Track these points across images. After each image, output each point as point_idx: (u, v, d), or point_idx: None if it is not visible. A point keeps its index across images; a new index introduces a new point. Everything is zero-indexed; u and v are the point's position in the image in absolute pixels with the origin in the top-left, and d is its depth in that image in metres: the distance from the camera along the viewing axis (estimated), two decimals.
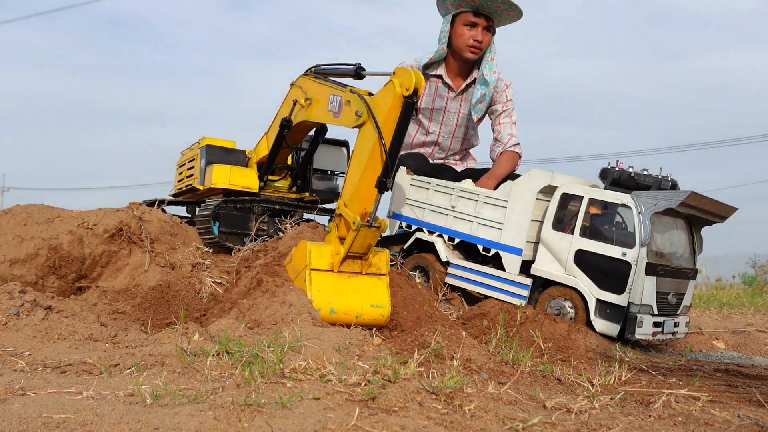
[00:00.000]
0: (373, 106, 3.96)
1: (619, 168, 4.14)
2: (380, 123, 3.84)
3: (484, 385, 2.43)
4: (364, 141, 4.01)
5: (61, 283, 4.55)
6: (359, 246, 3.92)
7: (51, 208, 4.99)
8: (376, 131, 3.81)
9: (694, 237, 4.37)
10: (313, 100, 5.00)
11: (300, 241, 4.13)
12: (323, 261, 3.94)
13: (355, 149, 4.13)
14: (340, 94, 4.42)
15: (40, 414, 1.79)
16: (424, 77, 4.06)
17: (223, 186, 5.84)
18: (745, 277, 14.56)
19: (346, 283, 3.95)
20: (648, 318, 3.87)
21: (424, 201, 4.92)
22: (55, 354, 2.72)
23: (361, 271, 3.99)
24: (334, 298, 3.85)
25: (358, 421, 1.79)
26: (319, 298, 3.81)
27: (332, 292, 3.88)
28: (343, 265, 3.96)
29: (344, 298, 3.90)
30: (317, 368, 2.34)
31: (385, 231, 4.03)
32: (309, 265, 3.87)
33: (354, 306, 3.89)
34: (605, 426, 2.01)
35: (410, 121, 4.01)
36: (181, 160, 7.05)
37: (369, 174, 3.92)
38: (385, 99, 3.90)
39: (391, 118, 3.85)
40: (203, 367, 2.38)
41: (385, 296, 4.00)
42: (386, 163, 3.81)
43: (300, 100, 5.12)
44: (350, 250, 3.89)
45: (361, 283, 3.97)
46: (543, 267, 4.24)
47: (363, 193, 3.96)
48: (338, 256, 3.91)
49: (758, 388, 2.94)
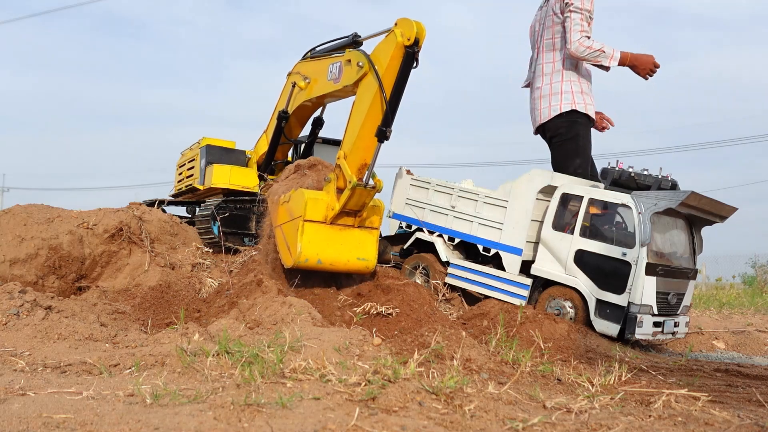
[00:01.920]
0: (374, 57, 4.02)
1: (619, 168, 4.14)
2: (381, 73, 3.89)
3: (484, 385, 2.43)
4: (364, 92, 4.06)
5: (61, 283, 4.55)
6: (354, 204, 4.00)
7: (51, 208, 5.00)
8: (377, 81, 3.87)
9: (694, 237, 4.37)
10: (312, 79, 5.08)
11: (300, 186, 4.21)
12: (318, 213, 4.03)
13: (356, 101, 4.18)
14: (338, 60, 4.51)
15: (40, 414, 1.79)
16: None
17: (223, 186, 5.85)
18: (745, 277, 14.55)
19: (336, 236, 4.07)
20: (648, 318, 3.87)
21: (424, 201, 4.92)
22: (55, 354, 2.72)
23: (354, 224, 4.11)
24: (323, 250, 4.00)
25: (358, 421, 1.79)
26: (309, 249, 3.96)
27: (322, 243, 4.01)
28: (338, 219, 4.07)
29: (332, 250, 4.03)
30: (317, 368, 2.34)
31: (380, 191, 4.10)
32: (303, 216, 3.97)
33: (340, 258, 4.06)
34: (605, 426, 2.00)
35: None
36: (181, 161, 7.06)
37: (369, 124, 3.97)
38: (386, 49, 3.94)
39: (391, 67, 3.89)
40: (203, 367, 2.38)
41: (373, 250, 4.17)
42: (386, 113, 3.87)
43: (299, 83, 5.19)
44: (345, 207, 3.98)
45: (352, 236, 4.10)
46: (543, 267, 4.24)
47: (363, 143, 4.00)
48: (333, 211, 4.01)
49: (758, 388, 2.94)
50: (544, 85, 4.86)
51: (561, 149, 4.84)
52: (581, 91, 4.79)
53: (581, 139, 4.76)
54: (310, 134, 6.09)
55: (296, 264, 4.02)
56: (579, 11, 4.64)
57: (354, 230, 4.12)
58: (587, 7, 4.67)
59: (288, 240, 4.12)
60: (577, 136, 4.75)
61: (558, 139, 4.83)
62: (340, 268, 4.11)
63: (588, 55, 4.64)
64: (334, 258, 4.06)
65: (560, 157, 4.84)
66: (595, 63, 4.72)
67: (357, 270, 4.17)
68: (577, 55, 4.66)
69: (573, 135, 4.75)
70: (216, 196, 6.01)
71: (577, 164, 4.69)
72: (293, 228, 4.04)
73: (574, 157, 4.74)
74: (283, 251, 4.18)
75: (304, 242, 3.96)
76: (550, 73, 4.84)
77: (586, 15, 4.66)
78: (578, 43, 4.61)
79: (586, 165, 4.41)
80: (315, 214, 4.01)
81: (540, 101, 4.88)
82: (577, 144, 4.75)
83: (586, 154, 4.76)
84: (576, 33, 4.63)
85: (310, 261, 3.93)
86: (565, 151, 4.79)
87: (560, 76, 4.80)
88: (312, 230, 3.99)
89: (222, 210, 5.55)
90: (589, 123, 4.83)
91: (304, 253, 3.94)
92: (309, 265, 3.96)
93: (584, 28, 4.65)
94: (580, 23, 4.63)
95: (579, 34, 4.62)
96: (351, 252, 4.11)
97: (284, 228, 4.19)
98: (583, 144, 4.76)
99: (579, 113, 4.76)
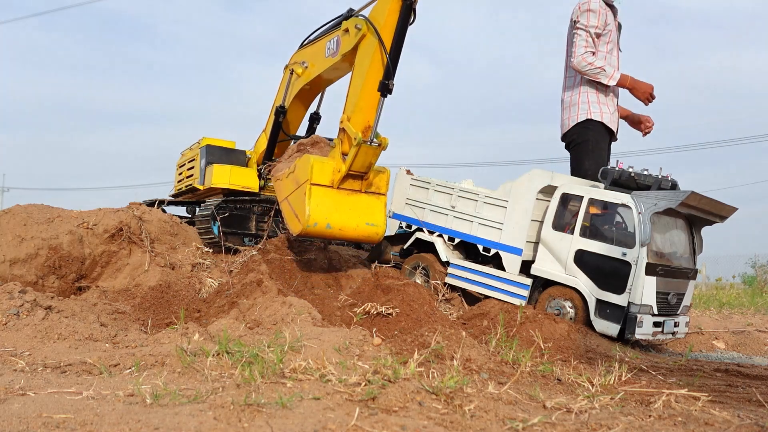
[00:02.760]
0: (372, 17, 4.08)
1: (619, 168, 4.14)
2: (380, 28, 3.95)
3: (484, 385, 2.43)
4: (364, 52, 4.11)
5: (61, 283, 4.55)
6: (360, 164, 3.98)
7: (51, 208, 5.00)
8: (376, 37, 3.92)
9: (694, 237, 4.37)
10: (310, 63, 5.14)
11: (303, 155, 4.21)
12: (324, 177, 4.01)
13: (356, 64, 4.22)
14: (336, 34, 4.57)
15: (40, 414, 1.79)
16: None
17: (223, 186, 5.84)
18: (745, 277, 14.55)
19: (344, 200, 4.04)
20: (648, 318, 3.87)
21: (424, 201, 4.92)
22: (55, 354, 2.73)
23: (361, 189, 4.09)
24: (331, 214, 3.95)
25: (358, 421, 1.79)
26: (317, 213, 3.91)
27: (330, 208, 3.97)
28: (344, 183, 4.05)
29: (341, 215, 3.99)
30: (317, 368, 2.34)
31: (386, 148, 4.11)
32: (310, 180, 3.94)
33: (350, 223, 4.01)
34: (605, 426, 2.00)
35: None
36: (181, 161, 7.05)
37: (370, 81, 4.00)
38: (382, 7, 4.01)
39: (389, 23, 3.95)
40: (203, 367, 2.38)
41: (382, 216, 4.15)
42: (387, 65, 3.89)
43: (297, 70, 5.24)
44: (351, 168, 3.97)
45: (360, 201, 4.08)
46: (543, 267, 4.24)
47: (365, 103, 4.01)
48: (339, 173, 4.00)
49: (758, 388, 2.94)
50: (565, 98, 5.14)
51: (573, 154, 5.07)
52: (597, 101, 5.00)
53: (591, 143, 4.94)
54: (308, 130, 6.08)
55: (305, 230, 3.94)
56: (584, 28, 4.87)
57: (361, 195, 4.10)
58: (593, 23, 4.88)
59: (295, 208, 4.06)
60: (587, 141, 4.94)
61: (572, 144, 5.06)
62: (349, 234, 4.04)
63: (588, 71, 4.88)
64: (343, 223, 3.99)
65: (572, 162, 5.06)
66: (594, 79, 4.93)
67: (366, 236, 4.11)
68: (578, 69, 4.91)
69: (583, 140, 4.95)
70: (216, 196, 6.01)
71: (586, 167, 4.84)
72: (300, 194, 4.00)
73: (584, 160, 4.92)
74: (291, 220, 4.12)
75: (312, 206, 3.90)
76: (571, 86, 5.12)
77: (591, 32, 4.88)
78: (581, 57, 4.87)
79: (597, 169, 4.47)
80: (321, 177, 3.99)
81: (562, 113, 5.15)
82: (586, 148, 4.94)
83: (597, 159, 4.90)
84: (580, 48, 4.88)
85: (320, 225, 3.86)
86: (577, 155, 5.01)
87: (578, 88, 5.05)
88: (319, 194, 3.95)
89: (222, 210, 5.54)
90: (604, 130, 5.00)
91: (312, 217, 3.87)
92: (318, 230, 3.87)
93: (588, 44, 4.88)
94: (585, 39, 4.88)
95: (583, 49, 4.87)
96: (360, 217, 4.06)
97: (290, 199, 4.15)
98: (593, 149, 4.94)
99: (594, 122, 4.96)
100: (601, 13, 4.89)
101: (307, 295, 4.13)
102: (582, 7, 4.89)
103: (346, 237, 4.09)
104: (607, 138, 5.03)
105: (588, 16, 4.86)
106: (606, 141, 5.04)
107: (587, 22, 4.86)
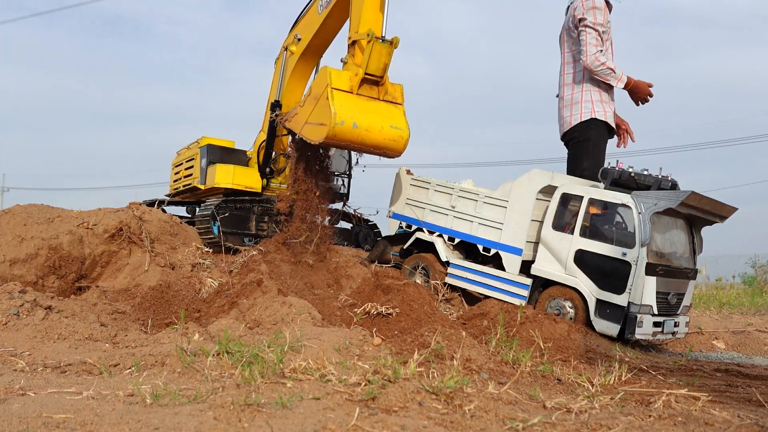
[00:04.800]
0: None
1: (619, 168, 4.14)
2: None
3: (484, 385, 2.43)
4: None
5: (61, 283, 4.55)
6: (375, 64, 4.05)
7: (51, 208, 5.00)
8: None
9: (694, 237, 4.37)
10: (304, 31, 5.31)
11: None
12: (343, 83, 4.08)
13: None
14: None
15: (40, 414, 1.79)
16: None
17: (226, 185, 5.84)
18: (745, 277, 14.54)
19: (365, 105, 4.09)
20: (648, 318, 3.87)
21: (424, 201, 4.92)
22: (55, 354, 2.72)
23: (379, 96, 4.15)
24: (356, 115, 3.97)
25: (358, 421, 1.79)
26: (342, 112, 3.93)
27: (354, 109, 4.00)
28: (362, 88, 4.11)
29: (365, 116, 4.01)
30: (317, 368, 2.34)
31: (397, 46, 4.18)
32: (330, 84, 4.00)
33: (374, 123, 4.02)
34: (605, 426, 2.00)
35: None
36: (178, 160, 7.02)
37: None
38: None
39: None
40: (203, 367, 2.38)
41: (404, 121, 4.18)
42: None
43: (291, 47, 5.36)
44: (368, 70, 4.04)
45: (380, 107, 4.13)
46: (543, 267, 4.24)
47: (369, 6, 4.16)
48: (357, 77, 4.07)
49: (758, 388, 2.94)
50: (566, 95, 5.07)
51: (572, 152, 5.02)
52: (600, 99, 4.97)
53: (592, 143, 4.91)
54: None
55: (332, 130, 3.92)
56: (592, 26, 4.82)
57: (380, 102, 4.16)
58: (599, 20, 4.83)
59: (319, 118, 4.07)
60: (588, 140, 4.90)
61: (572, 143, 5.02)
62: (375, 136, 4.03)
63: (600, 71, 4.84)
64: (369, 123, 4.01)
65: (571, 159, 5.02)
66: (604, 80, 4.90)
67: (392, 140, 4.10)
68: (591, 69, 4.86)
69: (584, 139, 4.91)
70: (216, 196, 6.01)
71: (585, 167, 4.81)
72: (321, 104, 4.02)
73: (583, 159, 4.88)
74: (314, 131, 4.09)
75: (336, 105, 3.92)
76: (572, 84, 5.06)
77: (599, 30, 4.83)
78: (593, 57, 4.81)
79: (595, 168, 4.46)
80: (340, 83, 4.05)
81: (563, 110, 5.09)
82: (587, 147, 4.90)
83: (596, 159, 4.88)
84: (592, 47, 4.82)
85: (346, 124, 3.87)
86: (576, 154, 4.97)
87: (581, 86, 5.01)
88: (341, 97, 4.00)
89: (222, 210, 5.54)
90: (605, 130, 4.98)
91: (339, 114, 3.88)
92: (345, 129, 3.86)
93: (598, 43, 4.84)
94: (596, 38, 4.83)
95: (594, 48, 4.82)
96: (384, 119, 4.10)
97: (311, 118, 4.16)
98: (593, 148, 4.91)
99: (598, 121, 4.93)
100: (605, 11, 4.87)
101: (307, 295, 4.13)
102: (586, 5, 4.83)
103: (373, 140, 4.05)
104: (606, 138, 5.02)
105: (594, 13, 4.81)
106: (605, 141, 5.02)
107: (595, 19, 4.80)
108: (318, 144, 4.19)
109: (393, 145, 4.13)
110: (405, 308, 3.82)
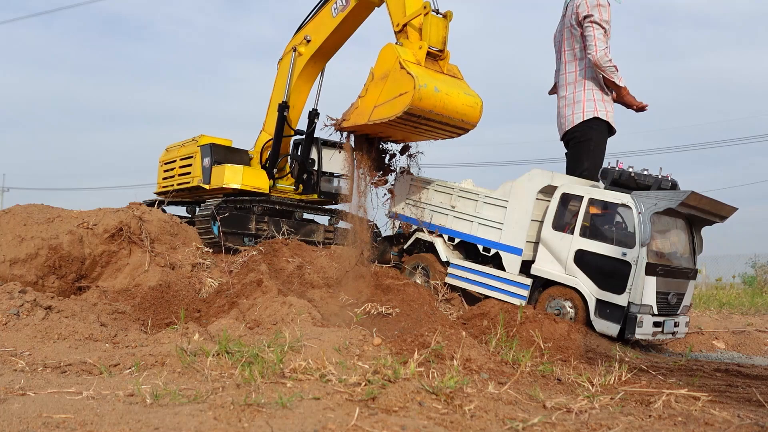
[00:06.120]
0: None
1: (619, 168, 4.14)
2: None
3: (484, 385, 2.43)
4: None
5: (61, 283, 4.55)
6: (435, 36, 4.15)
7: (51, 208, 4.99)
8: None
9: (694, 237, 4.37)
10: (314, 33, 5.27)
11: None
12: (410, 56, 4.14)
13: None
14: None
15: (40, 414, 1.79)
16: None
17: (235, 186, 5.79)
18: (745, 277, 14.51)
19: (436, 75, 4.15)
20: (648, 318, 3.87)
21: (424, 201, 4.92)
22: (55, 354, 2.72)
23: (443, 70, 4.23)
24: (434, 79, 4.03)
25: (358, 421, 1.79)
26: (423, 76, 3.97)
27: (430, 76, 4.06)
28: (426, 62, 4.17)
29: (441, 83, 4.06)
30: (317, 368, 2.34)
31: (451, 19, 4.26)
32: (400, 57, 4.06)
33: (452, 89, 4.06)
34: (605, 426, 2.00)
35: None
36: (170, 157, 6.79)
37: None
38: None
39: None
40: (203, 367, 2.38)
41: (472, 90, 4.24)
42: None
43: (300, 48, 5.33)
44: (430, 43, 4.12)
45: (448, 79, 4.20)
46: (543, 267, 4.24)
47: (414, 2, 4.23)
48: (422, 50, 4.13)
49: (758, 388, 2.94)
50: (568, 94, 5.06)
51: (572, 151, 5.01)
52: (602, 99, 4.98)
53: (593, 143, 4.91)
54: (308, 127, 6.03)
55: (417, 93, 3.91)
56: (599, 22, 4.82)
57: (445, 75, 4.22)
58: (605, 17, 4.85)
59: (397, 91, 4.07)
60: (590, 141, 4.91)
61: (572, 142, 5.00)
62: (455, 100, 4.08)
63: (607, 68, 4.84)
64: (448, 88, 4.06)
65: (571, 158, 5.01)
66: (609, 77, 4.90)
67: (470, 107, 4.17)
68: (599, 65, 4.84)
69: (586, 139, 4.91)
70: (216, 196, 5.98)
71: (585, 167, 4.81)
72: (394, 78, 4.05)
73: (584, 159, 4.89)
74: (394, 105, 4.07)
75: (416, 71, 3.97)
76: (573, 83, 5.04)
77: (605, 27, 4.84)
78: (603, 53, 4.81)
79: (595, 169, 4.46)
80: (408, 56, 4.11)
81: (565, 109, 5.08)
82: (588, 147, 4.91)
83: (596, 159, 4.87)
84: (601, 42, 4.82)
85: (429, 86, 3.92)
86: (577, 153, 4.96)
87: (582, 85, 5.00)
88: (414, 66, 4.06)
89: (222, 210, 5.53)
90: (606, 130, 4.99)
91: (421, 78, 3.92)
92: (428, 93, 3.90)
93: (606, 40, 4.86)
94: (603, 35, 4.84)
95: (603, 44, 4.83)
96: (458, 87, 4.16)
97: (382, 96, 4.16)
98: (594, 149, 4.92)
99: (600, 120, 4.93)
100: (608, 8, 4.87)
101: (307, 295, 4.12)
102: (591, 2, 4.82)
103: (453, 105, 4.08)
104: (607, 138, 5.02)
105: (600, 10, 4.81)
106: (605, 141, 5.02)
107: (601, 16, 4.81)
108: (400, 115, 4.04)
109: (471, 111, 4.20)
110: (405, 308, 3.82)
